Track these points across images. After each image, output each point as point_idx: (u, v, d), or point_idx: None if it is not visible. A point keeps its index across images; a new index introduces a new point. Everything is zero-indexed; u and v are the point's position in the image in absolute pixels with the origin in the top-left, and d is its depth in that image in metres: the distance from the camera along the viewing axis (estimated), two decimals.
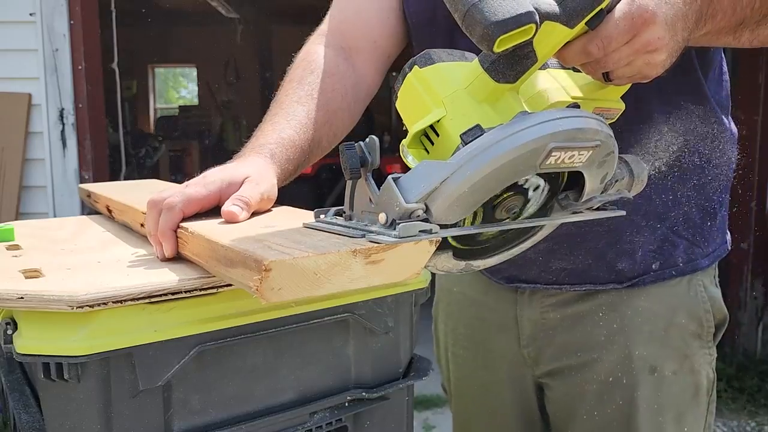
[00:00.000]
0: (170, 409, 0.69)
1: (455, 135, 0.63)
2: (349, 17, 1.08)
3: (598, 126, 0.63)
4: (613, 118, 0.80)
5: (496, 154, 0.59)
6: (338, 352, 0.79)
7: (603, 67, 0.68)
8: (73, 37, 3.35)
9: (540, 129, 0.59)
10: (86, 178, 3.39)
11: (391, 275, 0.62)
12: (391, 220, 0.61)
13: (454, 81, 0.66)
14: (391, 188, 0.61)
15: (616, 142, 0.67)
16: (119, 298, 0.64)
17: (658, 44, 0.66)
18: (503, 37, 0.59)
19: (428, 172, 0.61)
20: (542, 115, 0.61)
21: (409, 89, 0.68)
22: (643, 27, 0.64)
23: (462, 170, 0.59)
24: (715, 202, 1.03)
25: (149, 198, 0.78)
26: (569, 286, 1.03)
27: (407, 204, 0.60)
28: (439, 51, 0.69)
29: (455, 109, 0.64)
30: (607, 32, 0.64)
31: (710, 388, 1.05)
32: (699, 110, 1.00)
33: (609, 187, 0.74)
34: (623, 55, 0.66)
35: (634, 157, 0.78)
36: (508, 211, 0.68)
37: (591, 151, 0.63)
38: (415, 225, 0.60)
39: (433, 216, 0.61)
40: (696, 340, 1.02)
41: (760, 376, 3.56)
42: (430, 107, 0.65)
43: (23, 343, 0.65)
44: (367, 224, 0.65)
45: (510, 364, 1.12)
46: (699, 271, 1.03)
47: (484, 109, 0.65)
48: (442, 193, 0.60)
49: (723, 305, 1.06)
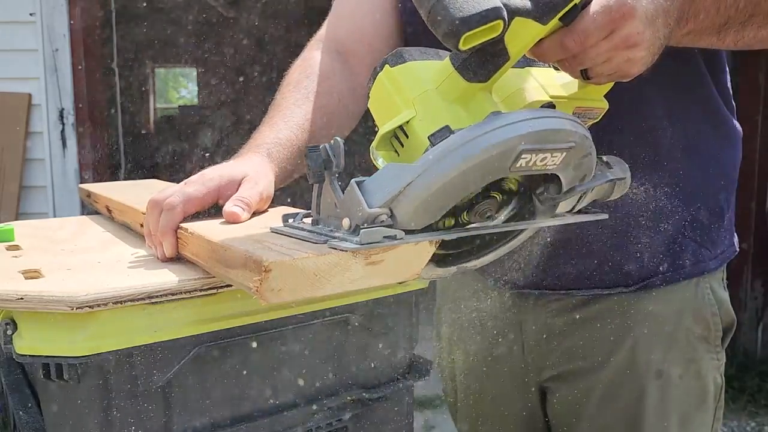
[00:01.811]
0: (170, 409, 0.69)
1: (424, 136, 0.61)
2: (345, 22, 1.09)
3: (573, 127, 0.61)
4: (597, 117, 0.78)
5: (462, 157, 0.57)
6: (338, 352, 0.79)
7: (580, 63, 0.65)
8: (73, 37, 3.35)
9: (509, 130, 0.57)
10: (86, 178, 3.39)
11: (391, 276, 0.62)
12: (354, 225, 0.59)
13: (425, 80, 0.64)
14: (354, 193, 0.59)
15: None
16: (119, 298, 0.64)
17: (638, 39, 0.64)
18: (468, 35, 0.56)
19: (393, 176, 0.58)
20: (512, 116, 0.58)
21: (380, 89, 0.66)
22: (622, 21, 0.62)
23: (427, 174, 0.57)
24: (722, 202, 1.02)
25: (150, 198, 0.78)
26: (575, 291, 1.02)
27: (370, 209, 0.58)
28: (412, 49, 0.67)
29: (425, 109, 0.62)
30: (584, 27, 0.62)
31: (718, 393, 1.03)
32: (705, 109, 0.99)
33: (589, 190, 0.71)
34: (601, 50, 0.64)
35: (615, 159, 0.75)
36: (481, 216, 0.65)
37: (565, 153, 0.61)
38: (378, 231, 0.58)
39: (398, 221, 0.59)
40: (703, 344, 1.01)
41: (761, 377, 3.56)
42: (400, 108, 0.63)
43: (23, 344, 0.65)
44: (332, 229, 0.63)
45: (513, 369, 1.11)
46: (707, 274, 1.01)
47: (454, 109, 0.62)
48: (407, 197, 0.58)
49: (731, 309, 1.05)
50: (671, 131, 0.95)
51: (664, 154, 0.95)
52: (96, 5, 3.50)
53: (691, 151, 0.97)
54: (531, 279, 1.03)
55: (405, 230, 0.60)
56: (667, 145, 0.95)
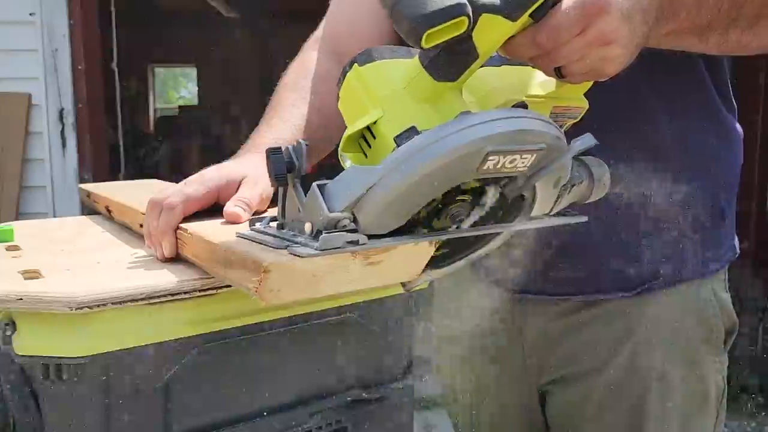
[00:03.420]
0: (170, 410, 0.69)
1: (390, 138, 0.59)
2: (341, 23, 1.09)
3: (544, 127, 0.58)
4: (577, 117, 0.75)
5: (425, 159, 0.54)
6: (338, 352, 0.79)
7: (554, 61, 0.63)
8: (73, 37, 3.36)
9: (474, 131, 0.55)
10: (86, 178, 3.39)
11: (390, 277, 0.62)
12: (316, 230, 0.58)
13: (393, 80, 0.62)
14: (315, 196, 0.57)
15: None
16: (119, 299, 0.64)
17: (613, 36, 0.61)
18: (431, 32, 0.55)
19: (355, 179, 0.57)
20: (479, 116, 0.56)
21: (349, 89, 0.64)
22: (596, 17, 0.60)
23: (389, 176, 0.55)
24: (723, 204, 1.01)
25: (150, 198, 0.78)
26: (575, 295, 1.01)
27: (331, 213, 0.56)
28: (382, 48, 0.65)
29: (392, 109, 0.60)
30: (556, 22, 0.60)
31: (720, 396, 1.03)
32: (705, 110, 0.98)
33: (564, 191, 0.68)
34: (575, 48, 0.62)
35: (594, 159, 0.73)
36: (452, 219, 0.63)
37: (535, 155, 0.58)
38: (339, 236, 0.56)
39: (361, 226, 0.57)
40: (705, 347, 1.00)
41: (761, 377, 3.56)
42: (368, 108, 0.61)
43: (22, 344, 0.65)
44: (295, 234, 0.61)
45: (513, 373, 1.11)
46: (708, 276, 1.01)
47: (423, 109, 0.60)
48: (369, 201, 0.56)
49: (733, 311, 1.04)
50: (671, 133, 0.95)
51: (664, 157, 0.94)
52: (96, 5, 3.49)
53: (691, 153, 0.96)
54: (531, 283, 1.03)
55: (370, 235, 0.58)
56: (667, 147, 0.95)
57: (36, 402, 0.71)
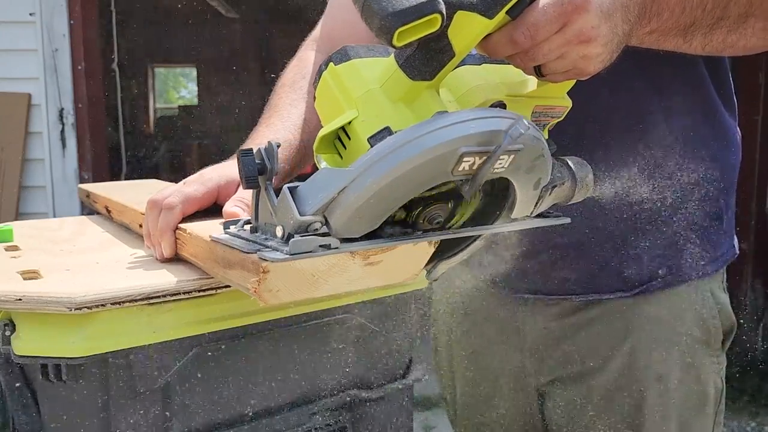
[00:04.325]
0: (169, 410, 0.69)
1: (365, 138, 0.58)
2: (338, 23, 1.09)
3: (521, 128, 0.57)
4: (560, 116, 0.74)
5: (397, 160, 0.53)
6: (337, 353, 0.79)
7: (533, 59, 0.62)
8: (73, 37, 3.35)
9: (448, 132, 0.53)
10: (86, 178, 3.39)
11: (390, 276, 0.62)
12: (287, 234, 0.56)
13: (369, 79, 0.60)
14: (286, 199, 0.56)
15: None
16: (118, 299, 0.64)
17: (592, 34, 0.60)
18: (402, 30, 0.53)
19: (327, 181, 0.55)
20: (454, 117, 0.54)
21: (325, 89, 0.63)
22: (575, 14, 0.59)
23: (361, 178, 0.53)
24: (721, 205, 1.01)
25: (149, 198, 0.78)
26: (574, 296, 1.01)
27: (301, 217, 0.55)
28: (358, 46, 0.63)
29: (367, 109, 0.59)
30: (533, 20, 0.58)
31: (718, 397, 1.02)
32: (704, 111, 0.98)
33: (546, 193, 0.67)
34: (554, 45, 0.60)
35: (577, 159, 0.71)
36: (430, 221, 0.62)
37: (513, 156, 0.57)
38: (310, 240, 0.55)
39: (333, 229, 0.56)
40: (703, 348, 1.00)
41: (761, 377, 3.56)
42: (344, 108, 0.60)
43: (21, 345, 0.65)
44: (268, 237, 0.60)
45: (512, 374, 1.11)
46: (707, 277, 1.00)
47: (398, 109, 0.59)
48: (341, 204, 0.55)
49: (731, 312, 1.04)
50: (669, 134, 0.94)
51: (662, 157, 0.94)
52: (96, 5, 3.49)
53: (689, 154, 0.96)
54: (530, 283, 1.03)
55: (343, 238, 0.57)
56: (666, 147, 0.94)
57: (35, 402, 0.71)
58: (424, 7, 0.53)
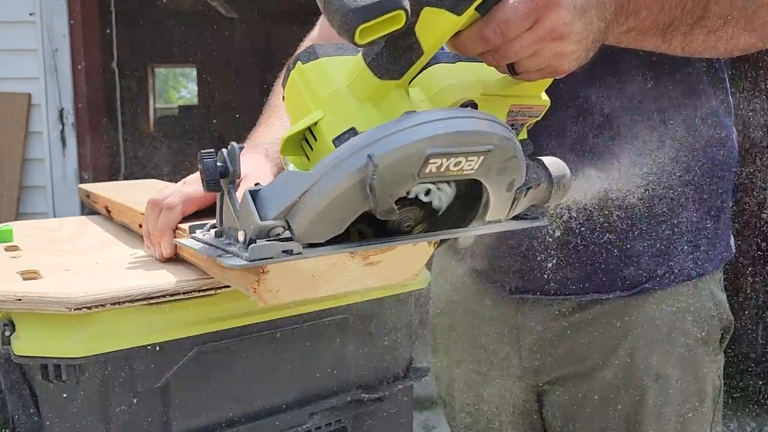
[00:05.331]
0: (169, 410, 0.69)
1: (330, 140, 0.56)
2: None
3: (491, 128, 0.55)
4: (538, 115, 0.72)
5: (359, 163, 0.51)
6: (337, 353, 0.79)
7: (505, 57, 0.60)
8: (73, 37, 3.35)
9: (412, 133, 0.51)
10: (86, 178, 3.39)
11: (390, 277, 0.62)
12: (248, 239, 0.55)
13: (336, 78, 0.58)
14: (247, 203, 0.54)
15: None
16: (117, 299, 0.64)
17: (565, 31, 0.59)
18: (364, 27, 0.51)
19: (288, 185, 0.54)
20: (420, 117, 0.52)
21: (293, 88, 0.61)
22: (546, 10, 0.57)
23: (322, 182, 0.52)
24: (719, 204, 1.02)
25: (149, 198, 0.78)
26: (573, 296, 1.02)
27: (262, 221, 0.53)
28: (328, 44, 0.61)
29: (333, 110, 0.57)
30: (504, 16, 0.57)
31: (716, 395, 1.03)
32: (701, 111, 0.98)
33: (521, 194, 0.64)
34: (526, 43, 0.59)
35: (554, 160, 0.69)
36: (400, 225, 0.59)
37: (482, 157, 0.55)
38: (270, 246, 0.53)
39: (295, 234, 0.54)
40: (702, 347, 1.00)
41: (761, 377, 3.56)
42: (310, 108, 0.58)
43: (21, 345, 0.65)
44: (231, 242, 0.59)
45: (510, 374, 1.11)
46: (705, 276, 1.01)
47: (365, 109, 0.57)
48: (302, 208, 0.53)
49: (729, 310, 1.04)
50: (665, 133, 0.95)
51: (659, 157, 0.94)
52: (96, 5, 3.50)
53: (686, 154, 0.96)
54: (528, 283, 1.03)
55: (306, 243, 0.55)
56: (663, 147, 0.94)
57: (35, 402, 0.71)
58: (386, 4, 0.51)
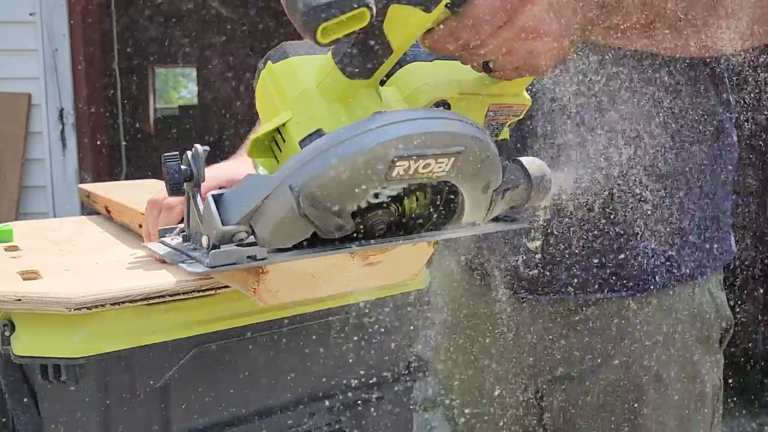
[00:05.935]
0: (169, 410, 0.69)
1: (296, 142, 0.55)
2: None
3: (461, 128, 0.53)
4: (519, 114, 0.70)
5: (322, 166, 0.49)
6: (337, 353, 0.79)
7: (479, 55, 0.59)
8: (73, 37, 3.36)
9: (377, 135, 0.50)
10: (86, 179, 3.39)
11: (389, 277, 0.62)
12: (211, 244, 0.54)
13: (305, 78, 0.57)
14: (209, 208, 0.53)
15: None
16: (117, 299, 0.64)
17: (541, 28, 0.57)
18: (326, 26, 0.49)
19: (251, 188, 0.52)
20: (386, 118, 0.51)
21: (263, 88, 0.59)
22: (520, 7, 0.56)
23: (284, 186, 0.50)
24: (720, 204, 1.02)
25: (149, 198, 0.78)
26: (573, 297, 1.02)
27: (224, 226, 0.52)
28: (297, 43, 0.59)
29: (301, 110, 0.56)
30: (476, 13, 0.55)
31: (716, 395, 1.03)
32: (701, 110, 0.98)
33: (498, 196, 0.63)
34: (500, 41, 0.57)
35: (532, 160, 0.67)
36: (371, 229, 0.58)
37: (453, 158, 0.53)
38: (233, 251, 0.52)
39: (259, 239, 0.53)
40: (702, 347, 1.01)
41: (761, 377, 3.56)
42: (279, 109, 0.57)
43: (21, 345, 0.65)
44: (195, 247, 0.58)
45: (510, 372, 1.11)
46: (705, 276, 1.01)
47: (334, 110, 0.55)
48: (264, 213, 0.52)
49: (729, 310, 1.04)
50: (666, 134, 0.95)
51: (660, 157, 0.94)
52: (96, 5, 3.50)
53: (687, 154, 0.96)
54: (528, 282, 1.03)
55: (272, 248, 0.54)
56: (662, 148, 0.94)
57: (35, 402, 0.71)
58: (350, 1, 0.49)
